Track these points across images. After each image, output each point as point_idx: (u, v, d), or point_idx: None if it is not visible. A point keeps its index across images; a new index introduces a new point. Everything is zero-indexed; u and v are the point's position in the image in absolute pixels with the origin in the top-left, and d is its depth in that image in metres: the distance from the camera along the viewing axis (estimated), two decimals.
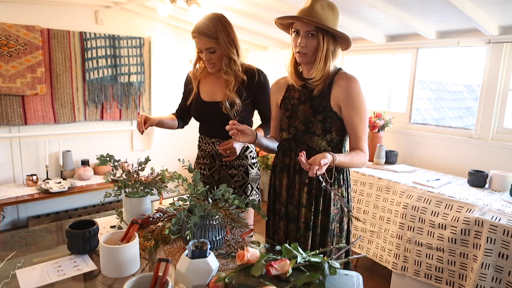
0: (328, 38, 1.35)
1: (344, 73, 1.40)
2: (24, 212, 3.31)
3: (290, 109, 1.49)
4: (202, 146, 1.85)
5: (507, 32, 2.42)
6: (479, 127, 2.60)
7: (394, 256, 2.32)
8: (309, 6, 1.33)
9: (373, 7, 2.29)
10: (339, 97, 1.38)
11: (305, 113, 1.43)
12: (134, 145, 3.87)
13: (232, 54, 1.63)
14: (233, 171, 1.77)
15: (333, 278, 0.96)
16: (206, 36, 1.58)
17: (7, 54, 2.93)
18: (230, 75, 1.65)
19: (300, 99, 1.46)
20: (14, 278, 1.09)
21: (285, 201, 1.51)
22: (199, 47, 1.65)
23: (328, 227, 1.44)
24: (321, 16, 1.31)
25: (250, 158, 1.80)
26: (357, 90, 1.36)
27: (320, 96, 1.41)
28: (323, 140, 1.42)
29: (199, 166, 1.88)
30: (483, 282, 1.84)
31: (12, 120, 3.03)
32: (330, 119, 1.40)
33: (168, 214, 1.43)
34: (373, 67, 3.66)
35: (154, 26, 3.78)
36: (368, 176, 2.58)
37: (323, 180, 1.23)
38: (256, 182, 1.83)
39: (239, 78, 1.66)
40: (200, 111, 1.79)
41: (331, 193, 1.41)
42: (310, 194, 1.44)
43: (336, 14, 1.36)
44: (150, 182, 1.52)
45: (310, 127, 1.43)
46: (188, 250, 1.01)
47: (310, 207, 1.44)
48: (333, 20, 1.34)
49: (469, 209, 1.98)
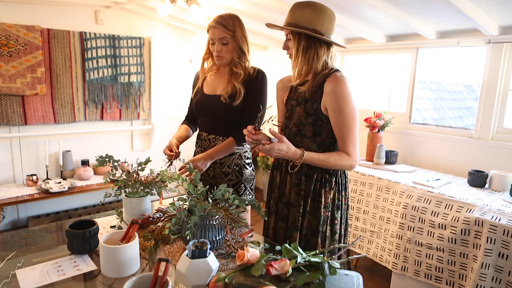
0: (300, 38, 1.36)
1: (333, 75, 1.37)
2: (24, 212, 3.31)
3: (289, 110, 1.52)
4: (199, 142, 1.88)
5: (507, 32, 2.41)
6: (479, 127, 2.60)
7: (394, 256, 2.32)
8: (290, 9, 1.40)
9: (373, 7, 2.29)
10: (326, 99, 1.37)
11: (299, 115, 1.44)
12: (134, 145, 3.87)
13: (245, 48, 1.73)
14: (227, 169, 1.79)
15: (333, 278, 0.96)
16: (222, 27, 1.67)
17: (7, 54, 2.93)
18: (239, 68, 1.73)
19: (298, 100, 1.47)
20: (14, 278, 1.09)
21: (276, 199, 1.54)
22: (213, 37, 1.70)
23: (319, 229, 1.44)
24: (295, 18, 1.36)
25: (245, 157, 1.83)
26: (341, 92, 1.34)
27: (312, 98, 1.41)
28: (314, 142, 1.43)
29: None
30: (483, 282, 1.84)
31: (12, 120, 3.03)
32: (321, 121, 1.41)
33: (168, 214, 1.44)
34: (373, 67, 3.66)
35: (154, 26, 3.78)
36: (368, 176, 2.58)
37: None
38: (250, 182, 1.84)
39: (247, 72, 1.74)
40: (200, 104, 1.82)
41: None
42: (299, 194, 1.45)
43: (318, 13, 1.34)
44: (150, 182, 1.52)
45: (301, 129, 1.44)
46: (188, 250, 1.01)
47: (298, 208, 1.45)
48: (309, 18, 1.33)
49: (469, 209, 1.98)
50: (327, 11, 1.37)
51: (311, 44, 1.37)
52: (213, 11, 3.04)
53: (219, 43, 1.69)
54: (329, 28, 1.38)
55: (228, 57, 1.72)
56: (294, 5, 1.39)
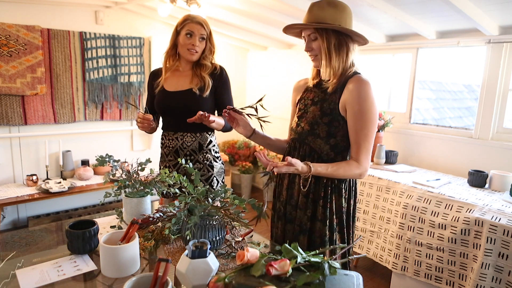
0: (328, 35, 1.32)
1: (357, 77, 1.33)
2: (24, 212, 3.31)
3: (302, 109, 1.47)
4: (166, 143, 1.91)
5: (507, 32, 2.41)
6: (479, 127, 2.60)
7: (394, 256, 2.32)
8: (308, 10, 1.36)
9: (373, 7, 2.29)
10: (346, 99, 1.32)
11: (314, 114, 1.40)
12: (134, 145, 3.87)
13: (213, 49, 1.87)
14: (198, 165, 1.85)
15: (333, 278, 0.96)
16: (204, 25, 1.80)
17: (7, 54, 2.93)
18: (207, 61, 1.85)
19: (314, 100, 1.43)
20: (14, 278, 1.09)
21: (284, 201, 1.50)
22: (194, 31, 1.77)
23: (330, 238, 1.39)
24: (317, 17, 1.31)
25: (214, 151, 1.90)
26: (364, 94, 1.29)
27: (330, 98, 1.37)
28: (326, 144, 1.38)
29: (163, 164, 1.94)
30: (483, 282, 1.84)
31: (12, 120, 3.03)
32: (337, 123, 1.36)
33: (168, 214, 1.43)
34: (373, 67, 3.66)
35: (154, 26, 3.78)
36: (368, 176, 2.58)
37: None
38: (221, 175, 1.92)
39: (214, 66, 1.87)
40: (164, 102, 1.86)
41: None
42: (307, 197, 1.40)
43: (340, 10, 1.32)
44: (150, 182, 1.52)
45: (315, 128, 1.39)
46: (188, 250, 1.01)
47: (306, 211, 1.41)
48: (334, 16, 1.31)
49: (469, 209, 1.98)
50: (347, 8, 1.35)
51: (342, 41, 1.33)
52: (213, 11, 3.04)
53: (197, 38, 1.77)
54: (352, 25, 1.36)
55: (199, 54, 1.81)
56: (312, 4, 1.35)
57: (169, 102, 1.84)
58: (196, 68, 1.84)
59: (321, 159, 1.39)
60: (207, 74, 1.82)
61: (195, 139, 1.85)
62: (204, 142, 1.86)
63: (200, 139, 1.85)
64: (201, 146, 1.85)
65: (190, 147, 1.84)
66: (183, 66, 1.86)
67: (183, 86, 1.83)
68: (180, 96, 1.81)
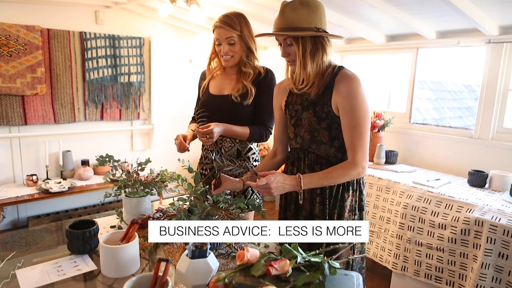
0: (305, 41, 1.26)
1: (344, 73, 1.29)
2: (24, 212, 3.31)
3: (294, 116, 1.42)
4: (206, 145, 1.84)
5: (507, 32, 2.41)
6: (479, 127, 2.60)
7: (394, 256, 2.32)
8: (279, 15, 1.27)
9: (373, 7, 2.29)
10: (337, 99, 1.29)
11: (309, 121, 1.36)
12: (134, 145, 3.87)
13: (253, 46, 1.69)
14: (233, 172, 1.76)
15: (333, 278, 0.96)
16: (228, 26, 1.62)
17: (7, 54, 2.93)
18: (249, 68, 1.70)
19: (303, 104, 1.38)
20: (14, 278, 1.09)
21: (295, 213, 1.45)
22: (219, 37, 1.65)
23: None
24: (292, 21, 1.24)
25: (252, 160, 1.79)
26: (354, 91, 1.26)
27: (321, 101, 1.32)
28: (331, 147, 1.35)
29: (201, 166, 1.88)
30: (483, 282, 1.84)
31: (12, 120, 3.03)
32: (336, 124, 1.32)
33: (168, 214, 1.43)
34: (373, 67, 3.66)
35: (154, 26, 3.78)
36: (368, 176, 2.58)
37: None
38: None
39: (257, 71, 1.71)
40: (206, 104, 1.78)
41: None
42: (324, 204, 1.36)
43: (313, 9, 1.25)
44: (150, 182, 1.52)
45: (316, 135, 1.36)
46: (188, 250, 1.01)
47: (324, 218, 1.36)
48: (308, 18, 1.23)
49: (469, 209, 1.98)
50: (320, 5, 1.28)
51: (318, 45, 1.27)
52: (213, 11, 3.04)
53: (226, 43, 1.64)
54: (325, 22, 1.29)
55: (236, 58, 1.68)
56: (284, 5, 1.26)
57: (210, 105, 1.76)
58: (240, 74, 1.71)
59: (330, 163, 1.35)
60: (250, 82, 1.68)
61: (234, 145, 1.75)
62: (243, 149, 1.76)
63: (239, 145, 1.75)
64: (239, 152, 1.76)
65: (228, 153, 1.76)
66: (229, 68, 1.76)
67: (225, 90, 1.74)
68: (219, 101, 1.73)
